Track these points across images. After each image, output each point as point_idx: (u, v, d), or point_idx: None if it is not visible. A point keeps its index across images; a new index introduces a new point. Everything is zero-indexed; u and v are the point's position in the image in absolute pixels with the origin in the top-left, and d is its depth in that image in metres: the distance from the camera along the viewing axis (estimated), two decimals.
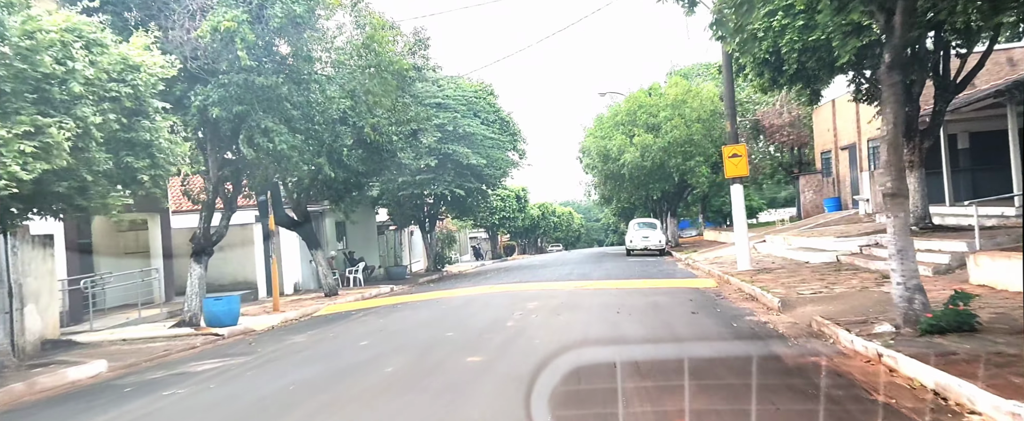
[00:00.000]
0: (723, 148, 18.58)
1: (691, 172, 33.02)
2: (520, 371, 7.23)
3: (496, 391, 6.76)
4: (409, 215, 30.72)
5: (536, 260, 38.92)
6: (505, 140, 30.17)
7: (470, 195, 29.18)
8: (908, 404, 5.60)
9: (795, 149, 43.47)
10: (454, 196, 29.12)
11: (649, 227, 33.40)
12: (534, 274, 23.97)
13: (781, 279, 14.97)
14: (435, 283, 25.70)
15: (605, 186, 35.92)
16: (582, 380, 6.86)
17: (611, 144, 33.43)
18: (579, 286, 17.06)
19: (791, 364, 7.47)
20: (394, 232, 32.87)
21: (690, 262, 24.58)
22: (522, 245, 68.75)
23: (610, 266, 25.58)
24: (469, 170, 26.75)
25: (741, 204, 18.64)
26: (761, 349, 8.35)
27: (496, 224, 47.56)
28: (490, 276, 25.93)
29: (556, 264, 30.16)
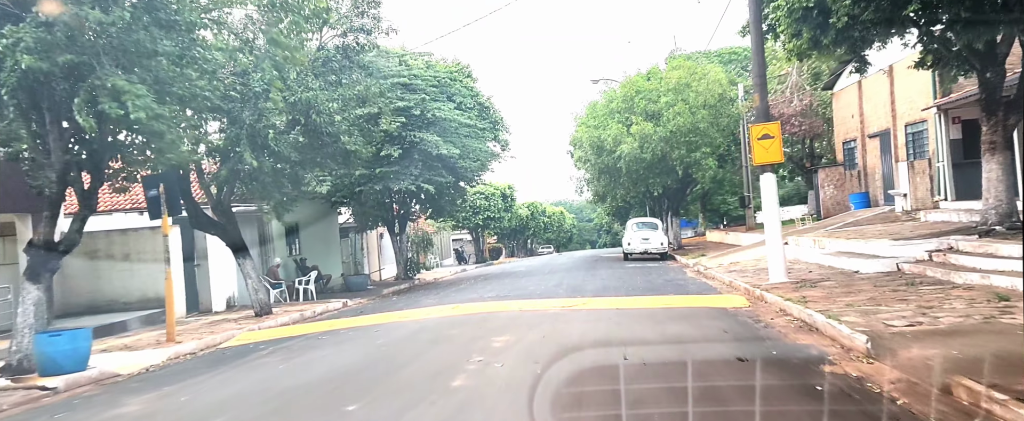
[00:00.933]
0: (752, 128, 14.74)
1: (696, 165, 29.20)
2: None
3: None
4: (374, 215, 26.77)
5: (523, 265, 35.00)
6: (484, 128, 26.27)
7: (442, 192, 25.26)
8: None
9: (807, 141, 39.77)
10: (423, 193, 25.22)
11: (649, 228, 29.54)
12: (516, 285, 20.08)
13: (838, 298, 11.10)
14: (399, 296, 21.75)
15: (599, 182, 32.04)
16: None
17: (606, 134, 29.58)
18: (568, 306, 13.16)
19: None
20: (356, 235, 28.89)
21: (701, 269, 20.72)
22: (510, 247, 64.86)
23: (606, 274, 21.68)
24: (440, 162, 22.83)
25: (774, 197, 14.80)
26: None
27: (480, 225, 43.68)
28: (465, 287, 22.01)
29: (543, 271, 26.26)
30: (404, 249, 27.93)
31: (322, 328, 13.48)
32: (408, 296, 20.71)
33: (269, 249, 22.10)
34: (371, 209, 24.52)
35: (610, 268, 24.73)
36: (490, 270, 33.54)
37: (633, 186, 30.71)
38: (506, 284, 20.94)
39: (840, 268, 15.60)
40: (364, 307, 18.45)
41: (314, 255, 24.45)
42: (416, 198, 26.18)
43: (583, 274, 22.39)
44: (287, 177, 15.99)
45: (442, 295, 19.16)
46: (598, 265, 27.49)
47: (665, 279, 18.92)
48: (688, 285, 16.85)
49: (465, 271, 36.39)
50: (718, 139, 29.70)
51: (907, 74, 22.49)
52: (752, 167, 41.53)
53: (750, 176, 31.94)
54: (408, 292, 22.81)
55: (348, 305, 19.61)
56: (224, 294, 19.16)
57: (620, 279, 19.46)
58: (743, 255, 22.29)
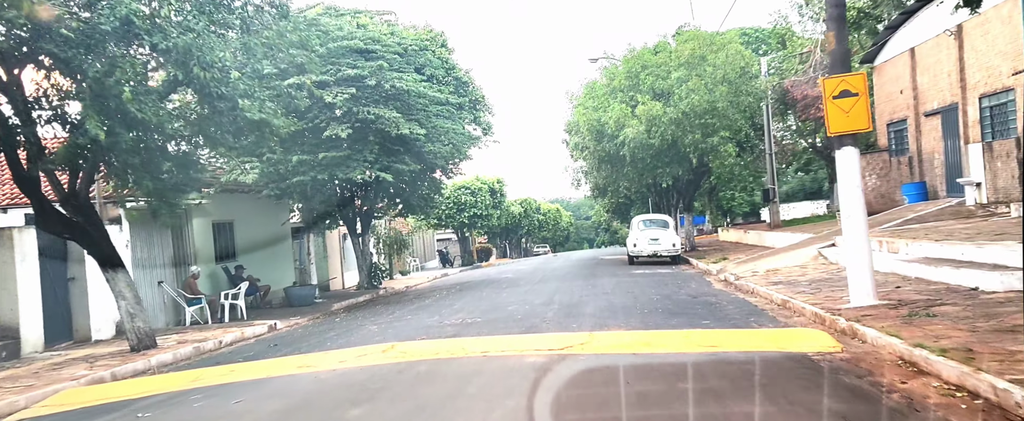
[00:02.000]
0: (824, 81, 10.24)
1: (713, 151, 24.74)
2: None
3: None
4: (325, 213, 22.27)
5: (512, 269, 30.50)
6: (461, 105, 21.78)
7: (408, 182, 20.76)
8: None
9: None
10: (381, 184, 20.73)
11: (658, 226, 25.08)
12: (495, 301, 15.61)
13: (997, 340, 6.68)
14: (349, 313, 17.27)
15: (598, 173, 27.53)
16: None
17: (607, 116, 25.12)
18: (559, 349, 8.65)
19: None
20: (314, 236, 24.38)
21: (729, 277, 16.25)
22: (502, 247, 60.38)
23: (609, 284, 17.19)
24: (401, 145, 18.34)
25: (855, 180, 10.34)
26: None
27: (465, 223, 39.20)
28: (433, 301, 17.54)
29: (534, 278, 21.77)
30: (367, 252, 23.42)
31: (189, 381, 8.96)
32: (355, 316, 16.22)
33: (185, 254, 17.59)
34: (320, 205, 20.00)
35: (614, 275, 20.25)
36: (474, 275, 29.05)
37: (638, 177, 26.23)
38: (484, 298, 16.46)
39: (943, 282, 11.14)
40: (290, 334, 13.97)
41: (257, 262, 19.96)
42: (374, 191, 21.67)
43: (581, 284, 17.90)
44: (171, 158, 11.48)
45: (395, 316, 14.67)
46: (599, 270, 23.03)
47: (688, 293, 14.44)
48: (723, 304, 12.37)
49: (446, 276, 31.92)
50: (739, 121, 25.23)
51: (984, 33, 18.04)
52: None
53: (774, 166, 27.47)
54: (362, 308, 18.31)
55: (276, 329, 15.14)
56: (111, 317, 14.63)
57: (629, 292, 14.98)
58: (780, 260, 17.85)
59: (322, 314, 17.38)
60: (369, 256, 23.53)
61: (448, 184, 39.27)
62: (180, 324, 16.62)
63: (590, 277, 20.17)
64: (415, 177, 20.71)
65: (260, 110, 11.25)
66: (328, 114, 17.18)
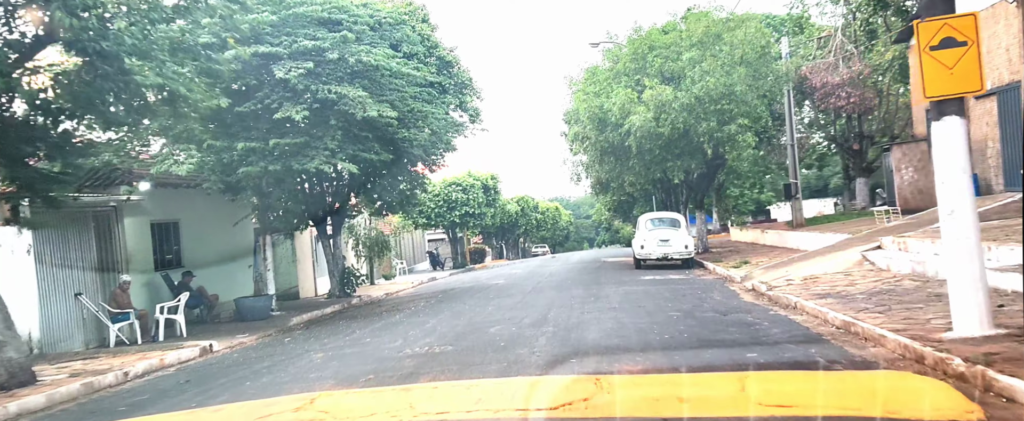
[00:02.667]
0: (919, 26, 7.48)
1: (730, 141, 21.98)
2: None
3: None
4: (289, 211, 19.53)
5: (505, 272, 27.73)
6: (444, 87, 19.04)
7: (379, 175, 18.03)
8: None
9: (854, 118, 32.57)
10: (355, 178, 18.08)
11: (669, 226, 22.31)
12: (476, 318, 12.87)
13: None
14: (304, 331, 14.51)
15: (601, 167, 24.74)
16: None
17: (610, 103, 22.37)
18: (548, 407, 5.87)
19: None
20: (283, 238, 21.64)
21: (761, 287, 13.47)
22: (498, 248, 57.60)
23: (616, 296, 14.41)
24: (369, 130, 15.57)
25: (962, 162, 7.56)
26: None
27: (456, 222, 36.45)
28: (406, 316, 14.81)
29: (526, 286, 19.01)
30: (338, 256, 20.65)
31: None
32: (310, 336, 13.48)
33: (114, 260, 14.85)
34: (279, 202, 17.22)
35: (619, 282, 17.50)
36: (463, 280, 26.31)
37: (646, 170, 23.46)
38: (464, 313, 13.71)
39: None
40: (220, 362, 11.22)
41: (210, 269, 17.24)
42: (341, 185, 18.94)
43: (582, 295, 15.14)
44: (40, 139, 8.73)
45: (353, 338, 11.92)
46: (602, 276, 20.28)
47: (714, 308, 11.69)
48: (764, 325, 9.62)
49: (434, 280, 29.17)
50: (759, 107, 22.48)
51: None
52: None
53: (796, 157, 24.71)
54: (324, 323, 15.56)
55: (211, 352, 12.42)
56: (24, 327, 11.82)
57: (640, 307, 12.23)
58: (816, 265, 15.11)
59: (275, 331, 14.64)
60: (341, 260, 20.77)
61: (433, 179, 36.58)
62: (103, 344, 13.87)
63: (592, 285, 17.42)
64: (389, 169, 17.96)
65: (159, 74, 8.46)
66: (280, 93, 14.41)
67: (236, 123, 14.81)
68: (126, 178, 14.57)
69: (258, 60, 14.23)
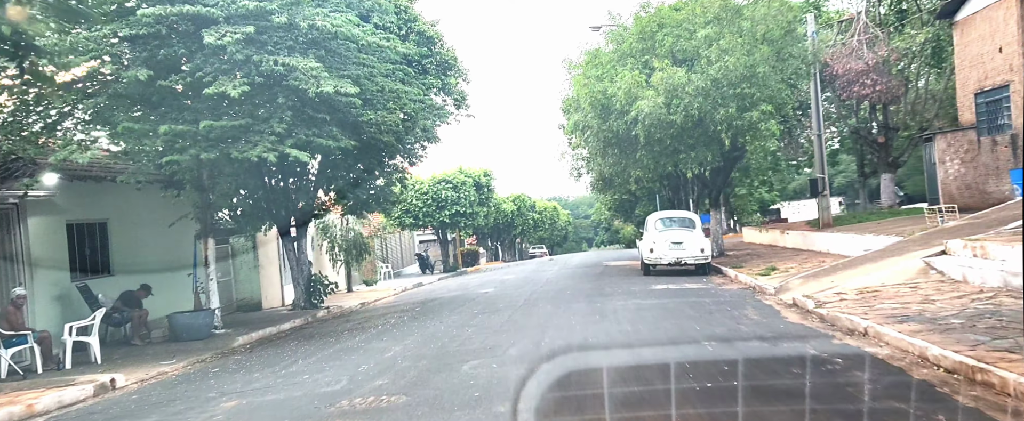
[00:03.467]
0: None
1: (751, 130, 19.30)
2: None
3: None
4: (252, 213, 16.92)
5: (496, 279, 25.06)
6: (423, 66, 16.38)
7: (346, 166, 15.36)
8: None
9: (878, 108, 29.93)
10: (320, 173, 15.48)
11: (682, 226, 19.62)
12: (450, 348, 10.20)
13: None
14: (243, 358, 11.82)
15: (604, 160, 22.03)
16: None
17: (615, 87, 19.70)
18: None
19: None
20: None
21: (806, 303, 10.78)
22: (493, 249, 54.98)
23: (626, 313, 11.73)
24: (328, 112, 12.85)
25: None
26: None
27: (446, 222, 33.76)
28: (365, 342, 12.13)
29: (517, 300, 16.33)
30: (303, 262, 17.94)
31: None
32: (245, 365, 10.80)
33: (11, 270, 12.17)
34: (223, 198, 14.50)
35: (629, 293, 14.84)
36: (450, 287, 23.62)
37: (654, 164, 20.76)
38: (438, 337, 11.04)
39: None
40: (106, 410, 8.53)
41: (149, 278, 14.55)
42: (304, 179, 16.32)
43: (584, 311, 12.47)
44: None
45: (294, 371, 9.25)
46: (607, 284, 17.62)
47: (757, 335, 9.03)
48: (841, 365, 6.98)
49: (419, 287, 26.49)
50: (783, 92, 19.82)
51: None
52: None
53: (824, 150, 22.05)
54: (272, 346, 12.89)
55: (111, 390, 9.76)
56: None
57: (662, 332, 9.57)
58: (866, 274, 12.47)
59: (211, 355, 11.96)
60: (307, 266, 18.07)
61: (418, 175, 33.93)
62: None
63: (596, 296, 14.74)
64: (356, 160, 15.29)
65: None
66: (215, 64, 11.72)
67: (166, 102, 12.13)
68: (29, 169, 11.90)
69: (186, 23, 11.55)
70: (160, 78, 11.54)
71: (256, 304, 19.68)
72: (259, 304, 19.72)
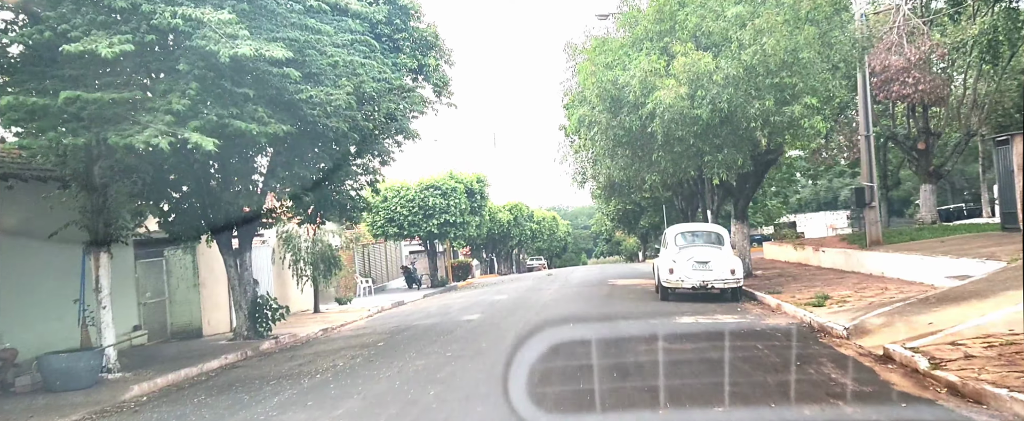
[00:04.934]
0: None
1: (792, 128, 16.10)
2: None
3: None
4: (189, 219, 13.71)
5: (485, 300, 21.75)
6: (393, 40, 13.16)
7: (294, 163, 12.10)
8: None
9: (917, 110, 26.71)
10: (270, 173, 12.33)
11: (709, 242, 16.38)
12: (393, 415, 6.87)
13: None
14: (127, 417, 8.52)
15: (613, 161, 18.72)
16: None
17: (627, 76, 16.55)
18: None
19: None
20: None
21: (915, 358, 7.41)
22: (487, 261, 51.69)
23: (657, 370, 8.44)
24: (253, 85, 9.57)
25: None
26: None
27: (434, 233, 30.47)
28: (292, 399, 8.81)
29: (505, 336, 13.00)
30: (247, 281, 14.65)
31: None
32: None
33: None
34: (124, 200, 11.19)
35: (650, 332, 11.57)
36: (430, 309, 20.29)
37: (674, 167, 17.50)
38: (386, 404, 7.77)
39: None
40: None
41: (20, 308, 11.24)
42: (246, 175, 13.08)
43: (594, 359, 9.18)
44: None
45: None
46: (617, 311, 14.35)
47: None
48: None
49: (400, 306, 23.17)
50: (831, 82, 16.60)
51: None
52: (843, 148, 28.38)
53: (873, 153, 18.80)
54: (183, 396, 9.59)
55: None
56: None
57: (720, 412, 6.29)
58: (981, 313, 9.19)
59: (82, 418, 8.66)
60: (251, 286, 14.77)
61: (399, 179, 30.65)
62: None
63: (608, 334, 11.46)
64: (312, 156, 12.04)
65: None
66: (88, 15, 8.47)
67: (22, 69, 8.87)
68: None
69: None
70: None
71: (196, 331, 16.38)
72: (199, 330, 16.42)
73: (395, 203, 30.01)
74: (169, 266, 16.33)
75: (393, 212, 30.00)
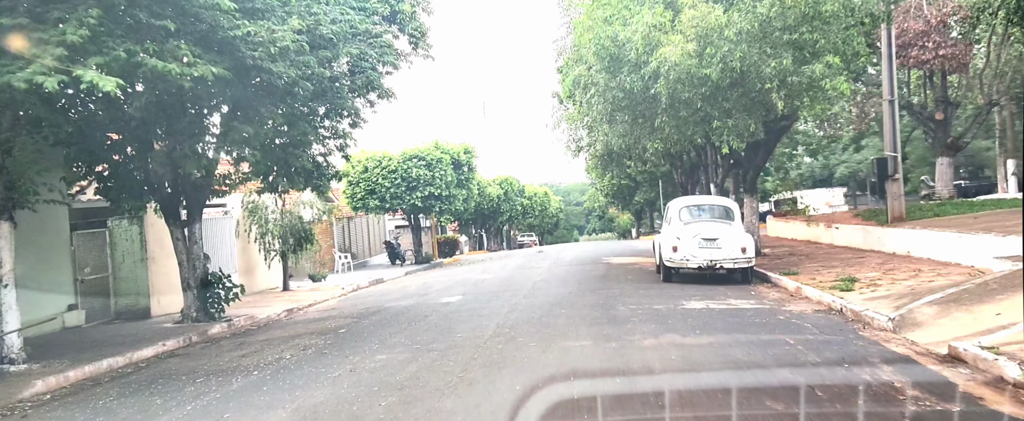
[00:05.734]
0: None
1: (813, 89, 14.39)
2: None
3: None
4: (129, 184, 12.00)
5: (471, 278, 20.13)
6: None
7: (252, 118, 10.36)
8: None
9: (936, 77, 25.00)
10: (227, 125, 10.65)
11: (717, 217, 14.74)
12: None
13: None
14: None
15: (611, 128, 16.93)
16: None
17: (628, 31, 14.77)
18: None
19: None
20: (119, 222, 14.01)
21: (998, 362, 5.84)
22: (477, 237, 50.07)
23: (668, 367, 6.80)
24: (174, 16, 7.73)
25: None
26: None
27: (418, 206, 28.71)
28: (213, 404, 7.09)
29: (480, 332, 11.31)
30: (197, 256, 12.92)
31: None
32: None
33: None
34: (33, 158, 9.37)
35: (657, 320, 9.94)
36: (409, 288, 18.64)
37: (678, 133, 15.76)
38: (320, 417, 6.08)
39: None
40: None
41: None
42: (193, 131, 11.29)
43: (591, 354, 7.56)
44: None
45: None
46: (615, 294, 12.72)
47: None
48: None
49: (378, 283, 21.51)
50: (856, 40, 14.84)
51: None
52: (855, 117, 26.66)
53: (897, 121, 17.10)
54: (99, 392, 7.88)
55: None
56: None
57: None
58: None
59: None
60: (201, 263, 13.04)
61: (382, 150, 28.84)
62: None
63: (606, 322, 9.84)
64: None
65: None
66: None
67: None
68: None
69: None
70: None
71: (143, 311, 14.65)
72: (147, 310, 14.68)
73: (376, 174, 28.20)
74: (113, 238, 14.57)
75: (374, 184, 28.20)
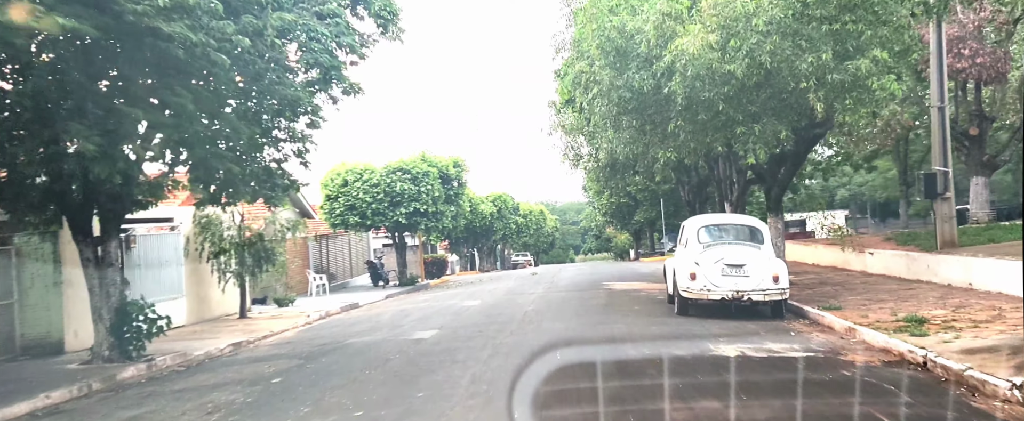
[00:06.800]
0: None
1: (858, 89, 12.20)
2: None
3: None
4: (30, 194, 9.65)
5: (452, 305, 17.78)
6: None
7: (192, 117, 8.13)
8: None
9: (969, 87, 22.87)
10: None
11: (742, 238, 12.45)
12: None
13: None
14: None
15: (617, 132, 14.67)
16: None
17: (638, 20, 12.64)
18: None
19: None
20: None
21: None
22: (468, 256, 47.73)
23: None
24: None
25: None
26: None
27: (402, 223, 26.38)
28: None
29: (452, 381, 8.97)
30: (110, 282, 10.59)
31: None
32: None
33: None
34: None
35: (681, 376, 7.60)
36: (382, 317, 16.27)
37: (696, 140, 13.51)
38: None
39: None
40: None
41: None
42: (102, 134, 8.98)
43: None
44: None
45: None
46: (620, 332, 10.40)
47: None
48: None
49: (351, 310, 19.11)
50: (907, 32, 12.67)
51: None
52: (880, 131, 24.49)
53: (947, 130, 14.86)
54: None
55: None
56: None
57: None
58: None
59: None
60: (117, 289, 10.70)
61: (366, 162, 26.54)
62: None
63: (615, 375, 7.54)
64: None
65: None
66: None
67: None
68: None
69: None
70: None
71: (56, 345, 12.25)
72: (61, 344, 12.27)
73: (357, 188, 25.89)
74: (20, 258, 12.20)
75: (354, 198, 25.87)
